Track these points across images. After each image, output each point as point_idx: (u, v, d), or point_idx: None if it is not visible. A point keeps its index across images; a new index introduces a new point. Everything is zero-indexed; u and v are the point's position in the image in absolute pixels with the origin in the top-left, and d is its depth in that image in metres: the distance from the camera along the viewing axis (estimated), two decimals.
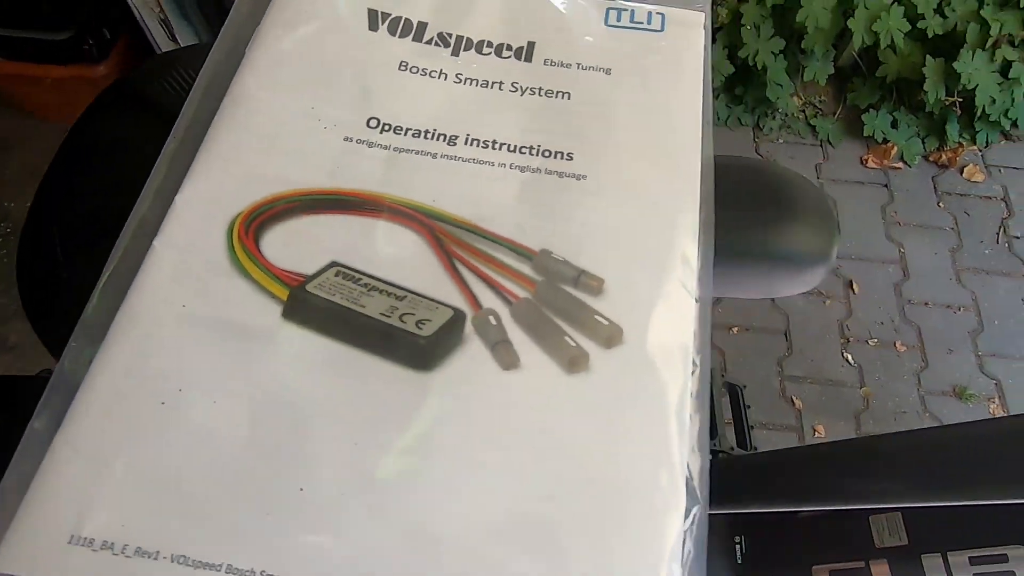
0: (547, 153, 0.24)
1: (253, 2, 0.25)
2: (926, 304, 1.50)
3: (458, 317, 0.21)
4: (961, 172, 1.68)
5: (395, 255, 0.22)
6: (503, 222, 0.23)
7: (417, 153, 0.24)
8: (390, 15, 0.26)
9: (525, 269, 0.22)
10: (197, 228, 0.21)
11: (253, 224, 0.21)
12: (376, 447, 0.19)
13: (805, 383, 1.39)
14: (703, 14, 0.28)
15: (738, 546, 0.79)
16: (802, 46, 1.60)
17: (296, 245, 0.22)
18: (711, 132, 0.25)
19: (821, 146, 1.70)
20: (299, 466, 0.19)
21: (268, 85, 0.24)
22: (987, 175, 1.68)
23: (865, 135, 1.68)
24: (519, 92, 0.25)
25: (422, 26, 0.26)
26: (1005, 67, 1.56)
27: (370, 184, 0.23)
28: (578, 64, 0.26)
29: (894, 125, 1.68)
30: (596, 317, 0.21)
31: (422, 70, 0.25)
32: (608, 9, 0.27)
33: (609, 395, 0.20)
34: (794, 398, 1.38)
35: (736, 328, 1.44)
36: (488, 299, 0.22)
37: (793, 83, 1.66)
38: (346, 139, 0.24)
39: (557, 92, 0.25)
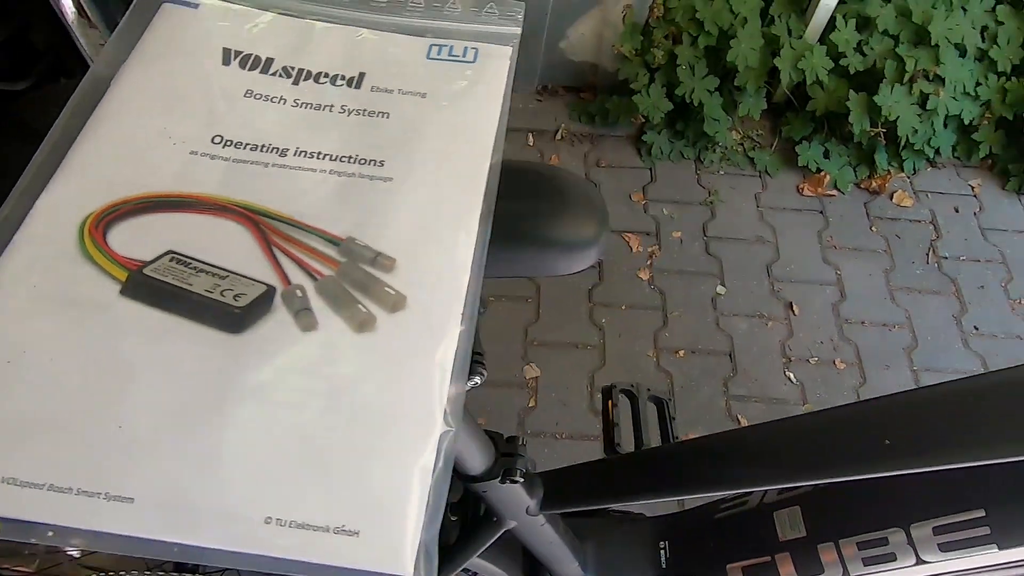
0: (362, 161, 0.29)
1: (125, 40, 0.31)
2: (863, 323, 1.57)
3: (269, 291, 0.26)
4: (891, 198, 1.77)
5: (224, 244, 0.27)
6: (318, 216, 0.28)
7: (252, 163, 0.29)
8: (242, 52, 0.32)
9: (333, 253, 0.27)
10: (54, 224, 0.26)
11: (103, 221, 0.26)
12: (191, 391, 0.24)
13: (750, 402, 1.44)
14: (510, 48, 0.33)
15: (662, 551, 0.83)
16: (735, 83, 1.70)
17: (140, 238, 0.27)
18: (503, 142, 0.31)
19: (760, 176, 1.79)
20: (122, 407, 0.23)
21: (127, 109, 0.29)
22: (915, 200, 1.78)
23: (800, 165, 1.77)
24: (346, 113, 0.31)
25: (269, 61, 0.32)
26: (923, 99, 1.67)
27: (208, 188, 0.28)
28: (399, 90, 0.31)
29: (826, 155, 1.78)
30: (385, 289, 0.26)
31: (265, 96, 0.31)
32: (431, 45, 0.33)
33: (389, 348, 0.25)
34: (739, 416, 1.43)
35: (682, 351, 1.49)
36: (298, 277, 0.26)
37: (730, 118, 1.76)
38: (192, 152, 0.29)
39: (378, 113, 0.31)
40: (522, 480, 0.55)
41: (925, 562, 0.60)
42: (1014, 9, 1.71)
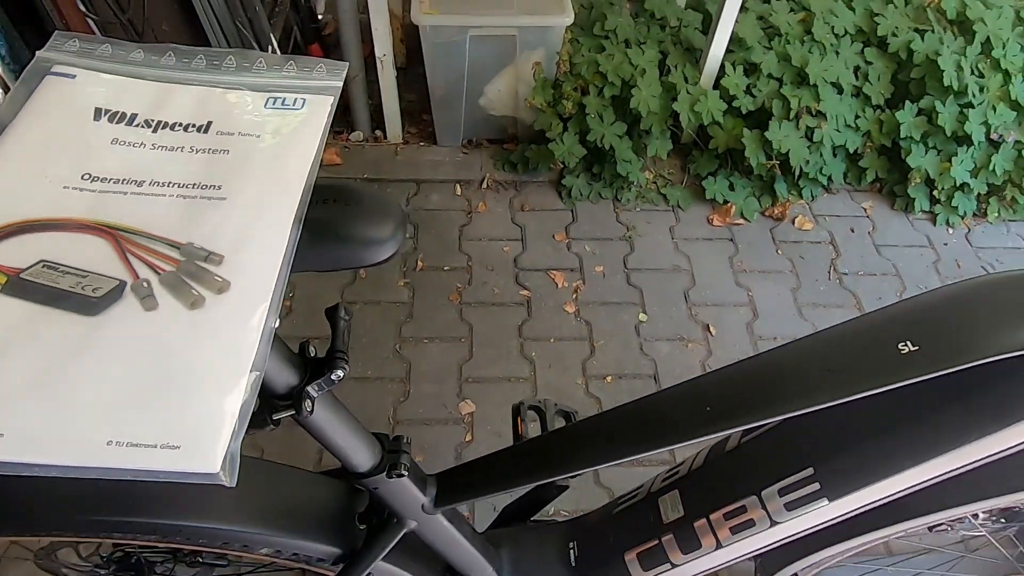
0: (203, 187, 0.38)
1: (14, 104, 0.39)
2: (775, 339, 1.69)
3: (121, 284, 0.34)
4: (793, 223, 1.93)
5: (87, 253, 0.35)
6: (165, 228, 0.36)
7: (114, 193, 0.37)
8: (111, 110, 0.40)
9: (175, 254, 0.35)
10: None
11: None
12: (53, 356, 0.32)
13: None
14: (331, 97, 0.43)
15: (571, 551, 0.89)
16: (642, 127, 1.85)
17: (19, 253, 0.34)
18: (318, 167, 0.40)
19: (673, 211, 1.93)
20: (1, 370, 0.31)
21: (12, 156, 0.37)
22: (815, 223, 1.93)
23: (708, 198, 1.92)
24: (194, 152, 0.39)
25: (133, 116, 0.40)
26: (810, 133, 1.85)
27: (77, 214, 0.36)
28: (239, 132, 0.40)
29: (731, 188, 1.94)
30: (214, 277, 0.34)
31: (128, 143, 0.39)
32: (268, 97, 0.42)
33: (214, 319, 0.33)
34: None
35: (610, 377, 1.58)
36: (145, 273, 0.34)
37: (641, 159, 1.90)
38: (64, 187, 0.37)
39: (220, 150, 0.39)
40: (407, 474, 0.62)
41: (777, 523, 0.68)
42: (880, 51, 1.92)
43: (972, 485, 0.69)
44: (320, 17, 2.11)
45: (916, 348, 0.49)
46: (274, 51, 1.67)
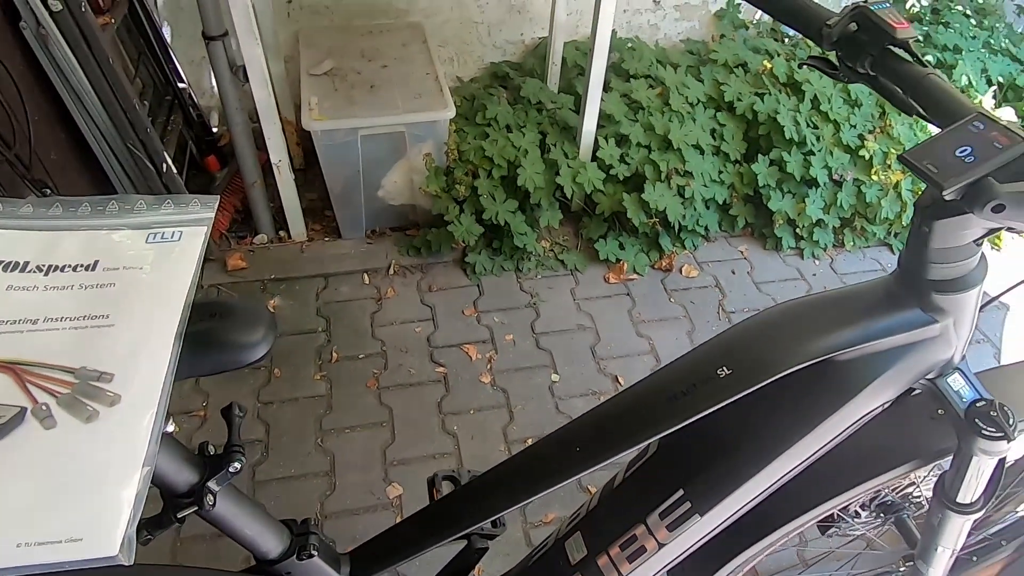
0: (92, 317, 0.44)
1: None
2: None
3: (22, 411, 0.39)
4: (681, 271, 2.10)
5: None
6: (60, 357, 0.42)
7: (11, 332, 0.43)
8: (4, 260, 0.46)
9: (70, 378, 0.41)
10: None
11: None
12: None
13: (595, 472, 1.59)
14: (204, 227, 0.50)
15: None
16: (532, 202, 2.00)
17: None
18: (195, 287, 0.47)
19: (571, 274, 2.07)
20: None
21: None
22: (700, 270, 2.12)
23: (602, 259, 2.07)
24: (83, 288, 0.45)
25: (25, 263, 0.46)
26: (681, 191, 2.05)
27: None
28: (124, 267, 0.47)
29: (622, 247, 2.10)
30: (106, 392, 0.40)
31: (21, 287, 0.45)
32: (149, 233, 0.49)
33: (108, 428, 0.39)
34: (589, 487, 1.57)
35: (530, 439, 1.64)
36: (44, 398, 0.40)
37: (536, 230, 2.04)
38: None
39: (107, 284, 0.46)
40: (317, 554, 0.66)
41: (664, 544, 0.76)
42: (730, 114, 2.18)
43: (829, 480, 0.80)
44: (215, 129, 2.19)
45: (731, 372, 0.60)
46: (169, 168, 1.72)
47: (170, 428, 0.40)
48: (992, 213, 0.49)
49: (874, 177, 2.13)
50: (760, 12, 2.56)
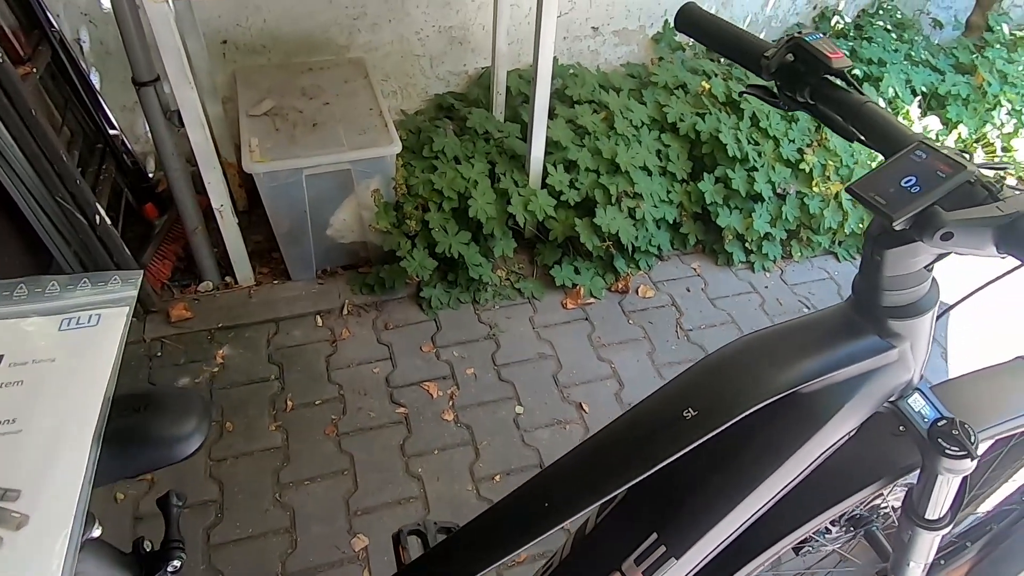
0: None
1: None
2: None
3: None
4: (637, 292, 2.11)
5: None
6: None
7: None
8: None
9: None
10: None
11: None
12: None
13: None
14: (127, 307, 0.46)
15: None
16: (484, 232, 1.98)
17: None
18: (116, 378, 0.42)
19: (529, 302, 2.05)
20: None
21: None
22: (656, 290, 2.13)
23: (558, 285, 2.06)
24: None
25: None
26: (632, 212, 2.07)
27: None
28: (32, 360, 0.42)
29: (577, 272, 2.10)
30: (11, 514, 0.36)
31: None
32: (62, 319, 0.45)
33: (15, 559, 0.34)
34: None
35: (498, 476, 1.61)
36: None
37: (490, 260, 2.02)
38: None
39: (13, 383, 0.41)
40: None
41: None
42: (674, 134, 2.21)
43: (800, 506, 0.79)
44: (151, 175, 2.11)
45: (696, 413, 0.58)
46: (103, 220, 1.64)
47: (96, 533, 0.35)
48: (941, 241, 0.49)
49: (815, 189, 2.19)
50: None
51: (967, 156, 0.52)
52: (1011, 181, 2.53)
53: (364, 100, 1.99)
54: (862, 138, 0.62)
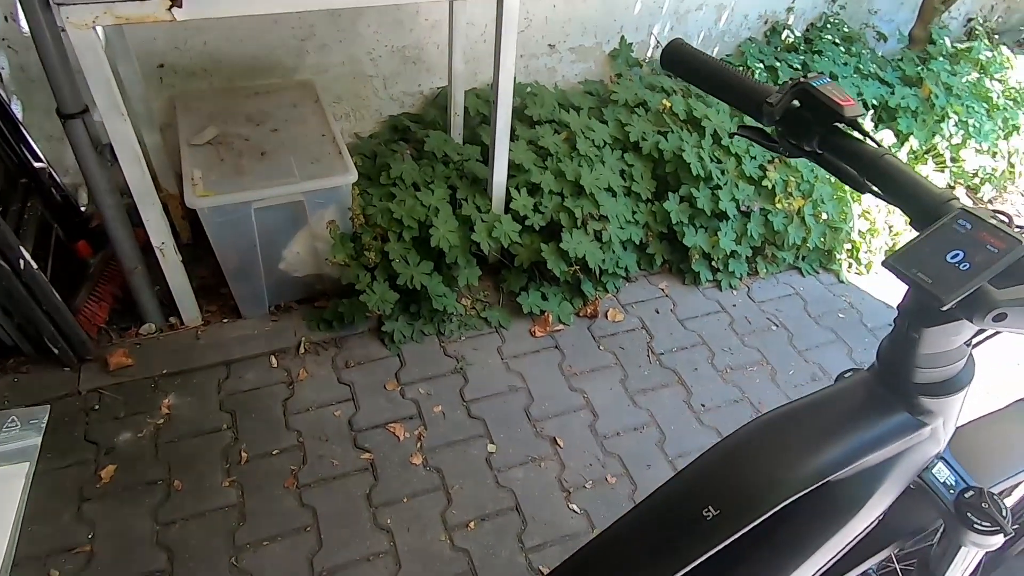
0: None
1: None
2: (618, 434, 1.75)
3: None
4: (606, 316, 2.05)
5: None
6: None
7: None
8: None
9: None
10: None
11: None
12: None
13: (546, 548, 1.49)
14: (27, 463, 0.37)
15: None
16: (447, 261, 1.90)
17: None
18: (20, 528, 0.33)
19: (497, 332, 1.97)
20: None
21: None
22: (625, 313, 2.08)
23: (526, 312, 1.99)
24: None
25: None
26: (598, 235, 2.01)
27: None
28: None
29: (544, 298, 2.03)
30: None
31: None
32: None
33: None
34: (540, 568, 1.46)
35: (472, 523, 1.52)
36: None
37: (454, 290, 1.94)
38: None
39: None
40: None
41: None
42: (637, 154, 2.18)
43: None
44: (84, 209, 1.95)
45: (718, 512, 0.52)
46: (28, 265, 1.49)
47: None
48: (993, 321, 0.44)
49: (778, 205, 2.18)
50: (650, 51, 2.61)
51: (1009, 220, 0.47)
52: (960, 192, 2.59)
53: (315, 125, 1.89)
54: (878, 191, 0.57)
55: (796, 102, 0.60)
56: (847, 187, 0.60)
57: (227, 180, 1.66)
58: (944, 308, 0.43)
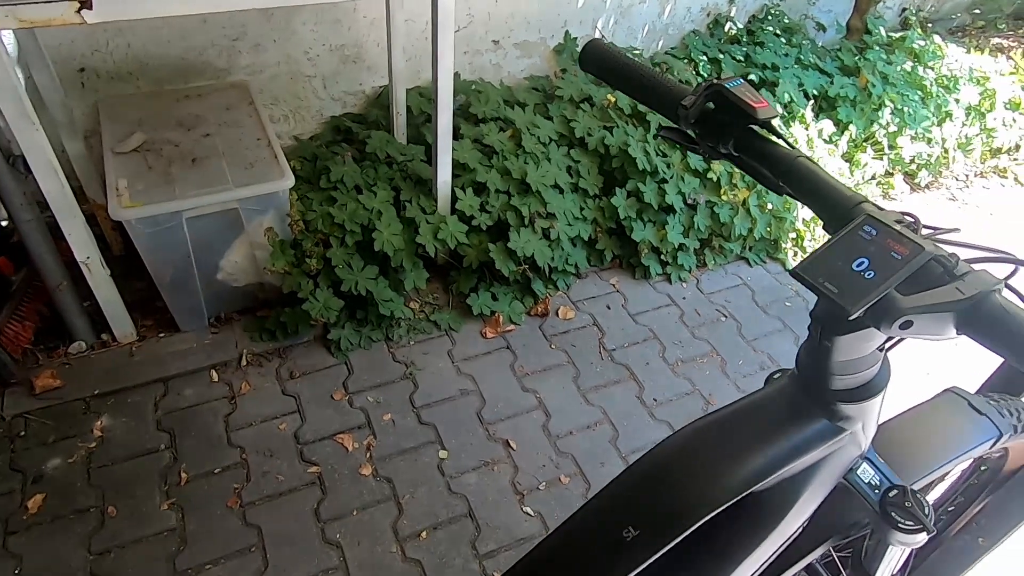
0: None
1: None
2: (571, 433, 1.74)
3: None
4: (557, 314, 2.04)
5: None
6: None
7: None
8: None
9: None
10: None
11: None
12: None
13: (500, 553, 1.47)
14: None
15: None
16: (393, 265, 1.86)
17: None
18: None
19: (447, 335, 1.94)
20: None
21: None
22: (576, 310, 2.07)
23: (476, 314, 1.97)
24: None
25: None
26: (546, 232, 2.00)
27: None
28: None
29: (495, 298, 2.01)
30: None
31: None
32: None
33: None
34: (494, 574, 1.44)
35: (424, 532, 1.49)
36: None
37: (402, 294, 1.90)
38: None
39: None
40: None
41: None
42: (583, 150, 2.17)
43: None
44: (3, 224, 1.84)
45: (638, 532, 0.50)
46: None
47: None
48: (899, 329, 0.43)
49: (724, 197, 2.20)
50: None
51: (916, 223, 0.46)
52: (898, 179, 2.66)
53: (250, 129, 1.82)
54: (792, 193, 0.56)
55: (711, 104, 0.59)
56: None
57: (155, 189, 1.58)
58: (850, 318, 0.42)
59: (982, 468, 1.06)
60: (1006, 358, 0.41)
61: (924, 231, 0.47)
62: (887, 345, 0.51)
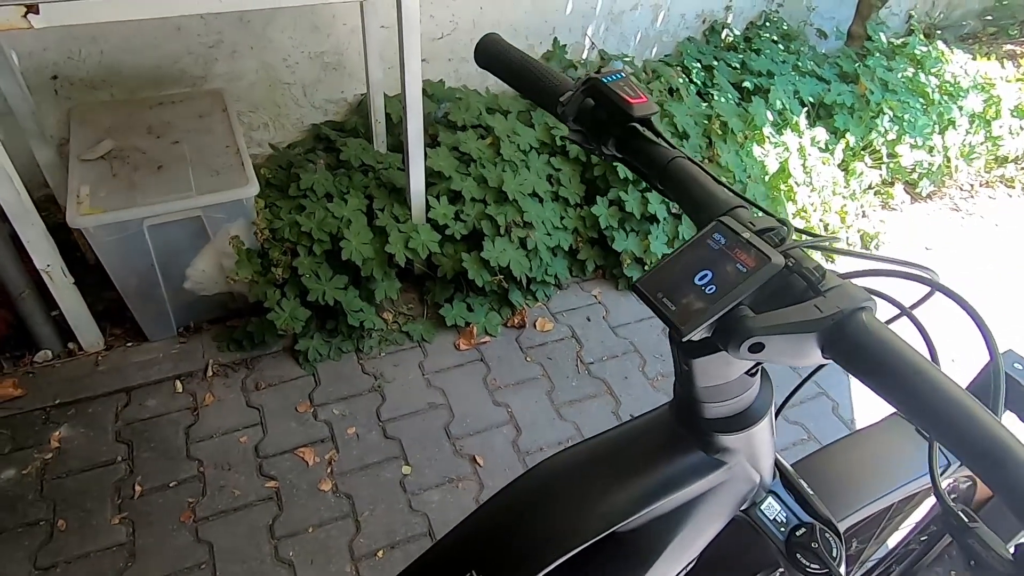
0: None
1: None
2: (541, 449, 1.68)
3: None
4: (535, 326, 1.99)
5: None
6: None
7: None
8: None
9: None
10: None
11: None
12: None
13: None
14: None
15: None
16: (363, 275, 1.82)
17: None
18: None
19: (419, 346, 1.90)
20: None
21: None
22: (555, 322, 2.01)
23: (450, 325, 1.92)
24: None
25: None
26: (524, 242, 1.95)
27: None
28: None
29: (470, 309, 1.96)
30: None
31: None
32: None
33: None
34: None
35: (381, 552, 1.44)
36: None
37: (373, 304, 1.86)
38: None
39: None
40: None
41: None
42: (564, 158, 2.12)
43: None
44: None
45: None
46: None
47: None
48: (750, 353, 0.37)
49: None
50: (585, 53, 2.56)
51: (781, 230, 0.40)
52: (899, 188, 2.57)
53: (220, 136, 1.80)
54: (670, 195, 0.51)
55: (590, 100, 0.54)
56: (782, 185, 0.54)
57: (117, 196, 1.56)
58: (683, 339, 0.37)
59: (952, 497, 0.99)
60: (873, 389, 0.35)
61: (805, 237, 0.42)
62: (754, 369, 0.45)
